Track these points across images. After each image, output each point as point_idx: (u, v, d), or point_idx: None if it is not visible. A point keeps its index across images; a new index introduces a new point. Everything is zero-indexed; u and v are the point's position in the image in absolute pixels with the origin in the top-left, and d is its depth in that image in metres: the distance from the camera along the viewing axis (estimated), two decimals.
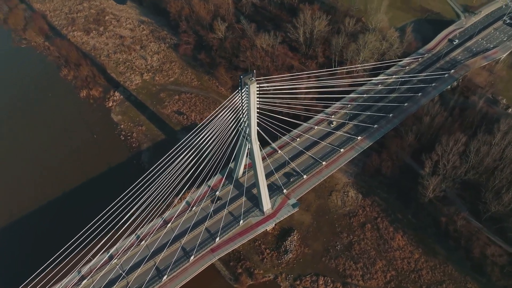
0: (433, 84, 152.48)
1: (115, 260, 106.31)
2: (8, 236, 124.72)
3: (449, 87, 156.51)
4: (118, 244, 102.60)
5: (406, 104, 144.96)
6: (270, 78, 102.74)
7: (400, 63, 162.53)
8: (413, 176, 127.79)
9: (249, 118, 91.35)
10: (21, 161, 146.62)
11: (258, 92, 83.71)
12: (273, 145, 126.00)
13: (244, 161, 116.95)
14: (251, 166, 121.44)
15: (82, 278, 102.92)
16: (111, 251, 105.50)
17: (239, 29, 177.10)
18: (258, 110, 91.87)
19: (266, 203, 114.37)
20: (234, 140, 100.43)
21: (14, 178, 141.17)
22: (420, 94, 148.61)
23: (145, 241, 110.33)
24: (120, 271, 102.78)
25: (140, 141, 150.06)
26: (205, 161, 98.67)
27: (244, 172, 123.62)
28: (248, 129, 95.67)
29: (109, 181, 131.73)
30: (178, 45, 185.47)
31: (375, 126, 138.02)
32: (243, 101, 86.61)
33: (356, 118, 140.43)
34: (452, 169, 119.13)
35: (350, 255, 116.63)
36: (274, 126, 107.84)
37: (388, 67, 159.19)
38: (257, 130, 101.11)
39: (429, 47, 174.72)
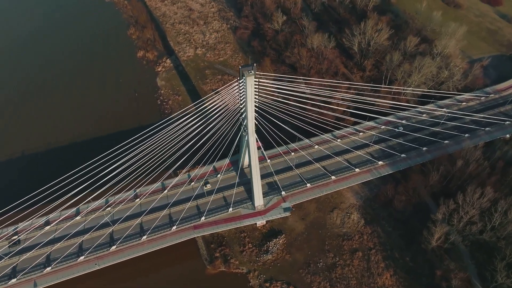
0: (487, 129, 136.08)
1: (109, 208, 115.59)
2: (37, 159, 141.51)
3: (507, 136, 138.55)
4: (116, 195, 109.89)
5: (446, 141, 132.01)
6: (280, 77, 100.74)
7: (457, 97, 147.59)
8: (426, 217, 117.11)
9: (246, 110, 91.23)
10: (69, 98, 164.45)
11: (256, 87, 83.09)
12: (275, 148, 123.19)
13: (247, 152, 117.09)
14: (260, 159, 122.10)
15: (77, 214, 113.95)
16: (109, 198, 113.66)
17: (300, 25, 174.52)
18: (257, 104, 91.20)
19: (258, 198, 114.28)
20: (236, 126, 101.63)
21: (57, 112, 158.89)
22: (467, 135, 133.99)
23: (140, 200, 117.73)
24: (109, 220, 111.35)
25: (173, 109, 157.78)
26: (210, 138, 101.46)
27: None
28: (245, 121, 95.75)
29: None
30: (237, 28, 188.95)
31: (402, 155, 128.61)
32: (241, 92, 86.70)
33: (384, 141, 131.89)
34: (468, 223, 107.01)
35: (329, 277, 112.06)
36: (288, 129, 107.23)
37: (441, 98, 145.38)
38: (265, 128, 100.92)
39: (500, 88, 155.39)
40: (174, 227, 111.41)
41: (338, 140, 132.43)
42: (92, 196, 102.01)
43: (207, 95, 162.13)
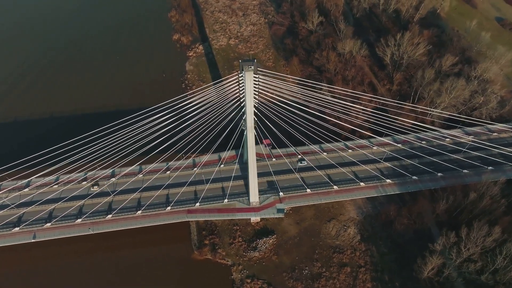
0: None
1: (114, 179, 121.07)
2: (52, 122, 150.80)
3: None
4: (121, 167, 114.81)
5: (465, 170, 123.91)
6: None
7: (489, 126, 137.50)
8: (427, 245, 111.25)
9: (245, 105, 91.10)
10: (101, 70, 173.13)
11: (256, 83, 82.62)
12: (283, 149, 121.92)
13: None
14: (266, 157, 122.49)
15: (85, 180, 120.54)
16: (115, 170, 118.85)
17: (336, 28, 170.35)
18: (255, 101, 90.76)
19: (254, 195, 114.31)
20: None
21: (88, 81, 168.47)
22: (490, 168, 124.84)
23: (142, 175, 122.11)
24: (110, 190, 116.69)
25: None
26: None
27: (257, 160, 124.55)
28: (245, 116, 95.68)
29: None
30: (273, 24, 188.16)
31: (414, 177, 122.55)
32: (240, 86, 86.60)
33: (397, 160, 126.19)
34: (467, 260, 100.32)
35: (311, 286, 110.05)
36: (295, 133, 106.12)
37: (470, 125, 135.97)
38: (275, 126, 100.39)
39: None
40: (169, 208, 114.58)
41: (349, 150, 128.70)
42: (98, 165, 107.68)
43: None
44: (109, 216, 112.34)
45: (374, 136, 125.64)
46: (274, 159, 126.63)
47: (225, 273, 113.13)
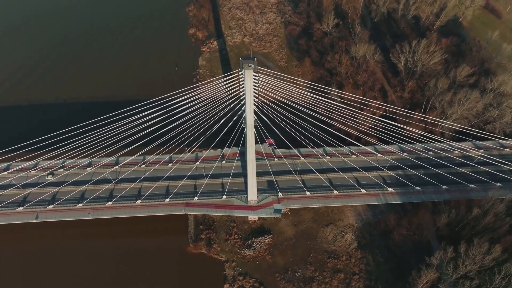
0: None
1: (117, 167, 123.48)
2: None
3: None
4: (125, 156, 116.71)
5: (472, 185, 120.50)
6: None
7: (502, 141, 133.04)
8: (424, 258, 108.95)
9: (245, 103, 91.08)
10: (114, 59, 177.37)
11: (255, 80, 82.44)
12: (286, 149, 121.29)
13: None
14: (268, 156, 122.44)
15: (89, 166, 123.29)
16: (120, 158, 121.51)
17: (352, 31, 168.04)
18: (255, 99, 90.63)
19: (252, 193, 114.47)
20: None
21: (100, 69, 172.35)
22: (498, 184, 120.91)
23: (145, 166, 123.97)
24: (111, 177, 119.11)
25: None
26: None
27: (258, 158, 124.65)
28: (244, 114, 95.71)
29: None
30: (289, 23, 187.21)
31: (417, 188, 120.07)
32: (240, 83, 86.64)
33: (402, 169, 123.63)
34: (463, 277, 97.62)
35: None
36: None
37: (482, 138, 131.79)
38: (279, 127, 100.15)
39: None
40: (168, 199, 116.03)
41: (353, 156, 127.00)
42: (103, 152, 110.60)
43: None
44: (110, 203, 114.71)
45: (380, 143, 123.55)
46: (276, 159, 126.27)
47: (218, 269, 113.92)
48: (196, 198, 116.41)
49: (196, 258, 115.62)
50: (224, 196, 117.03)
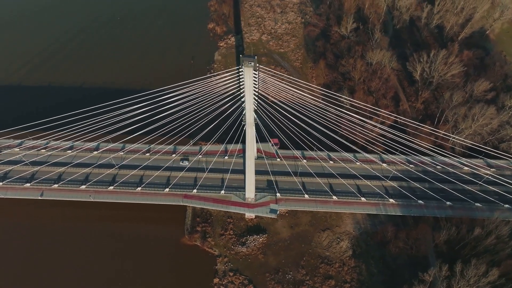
0: None
1: (121, 153, 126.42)
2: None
3: None
4: (130, 143, 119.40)
5: (478, 204, 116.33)
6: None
7: None
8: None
9: (245, 101, 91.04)
10: (132, 48, 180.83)
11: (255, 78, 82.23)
12: (290, 150, 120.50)
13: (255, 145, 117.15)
14: (271, 156, 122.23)
15: (97, 149, 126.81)
16: (126, 145, 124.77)
17: (371, 37, 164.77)
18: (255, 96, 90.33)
19: (250, 191, 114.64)
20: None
21: (116, 58, 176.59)
22: (506, 205, 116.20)
23: (150, 154, 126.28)
24: (115, 163, 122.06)
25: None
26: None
27: (260, 157, 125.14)
28: (244, 111, 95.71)
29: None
30: (308, 24, 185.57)
31: (419, 201, 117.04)
32: (240, 81, 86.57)
33: (405, 181, 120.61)
34: None
35: None
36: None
37: (495, 157, 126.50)
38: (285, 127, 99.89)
39: None
40: (167, 189, 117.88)
41: (357, 163, 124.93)
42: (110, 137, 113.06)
43: None
44: (111, 187, 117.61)
45: (386, 153, 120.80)
46: (278, 160, 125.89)
47: (210, 263, 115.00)
48: (195, 190, 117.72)
49: (189, 249, 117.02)
50: (223, 192, 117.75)
